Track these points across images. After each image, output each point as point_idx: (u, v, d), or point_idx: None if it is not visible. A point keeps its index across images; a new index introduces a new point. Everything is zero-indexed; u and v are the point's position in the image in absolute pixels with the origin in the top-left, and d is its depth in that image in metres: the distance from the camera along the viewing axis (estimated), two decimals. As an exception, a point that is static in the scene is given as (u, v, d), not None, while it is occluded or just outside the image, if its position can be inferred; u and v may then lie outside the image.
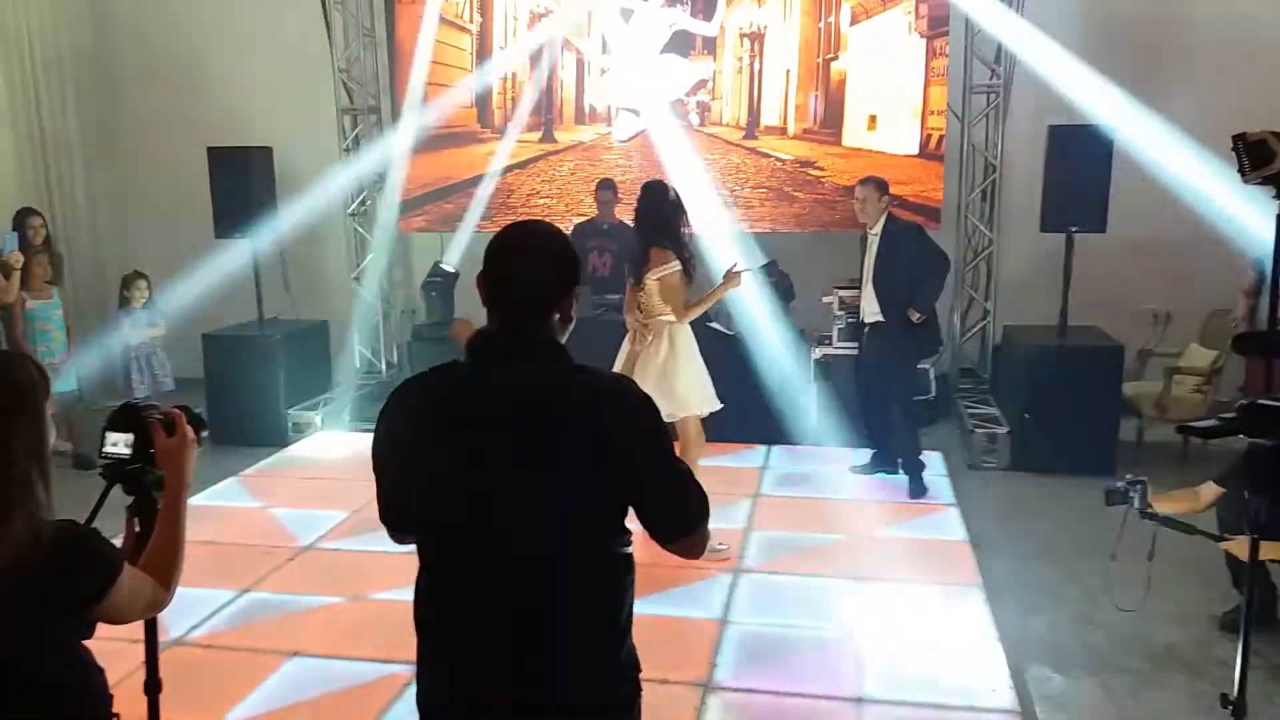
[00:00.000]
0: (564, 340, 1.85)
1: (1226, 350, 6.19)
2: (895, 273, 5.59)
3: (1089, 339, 6.33)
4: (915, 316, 5.60)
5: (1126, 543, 3.44)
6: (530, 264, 1.81)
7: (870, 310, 5.74)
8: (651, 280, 4.78)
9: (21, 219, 6.58)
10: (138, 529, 2.06)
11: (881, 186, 5.65)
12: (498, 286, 1.81)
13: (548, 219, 7.59)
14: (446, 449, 1.76)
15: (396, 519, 1.88)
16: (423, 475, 1.79)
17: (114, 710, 1.91)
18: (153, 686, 2.25)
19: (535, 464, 1.72)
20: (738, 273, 5.00)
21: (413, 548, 1.87)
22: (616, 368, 4.89)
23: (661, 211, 4.81)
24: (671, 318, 4.83)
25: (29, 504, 1.72)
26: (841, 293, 6.51)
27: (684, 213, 4.90)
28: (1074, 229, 6.21)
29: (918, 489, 5.78)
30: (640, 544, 1.81)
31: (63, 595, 1.72)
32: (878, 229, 5.63)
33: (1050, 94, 6.88)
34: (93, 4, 8.20)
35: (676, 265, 4.74)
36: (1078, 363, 6.17)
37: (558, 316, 1.83)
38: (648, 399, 1.82)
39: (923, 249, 5.67)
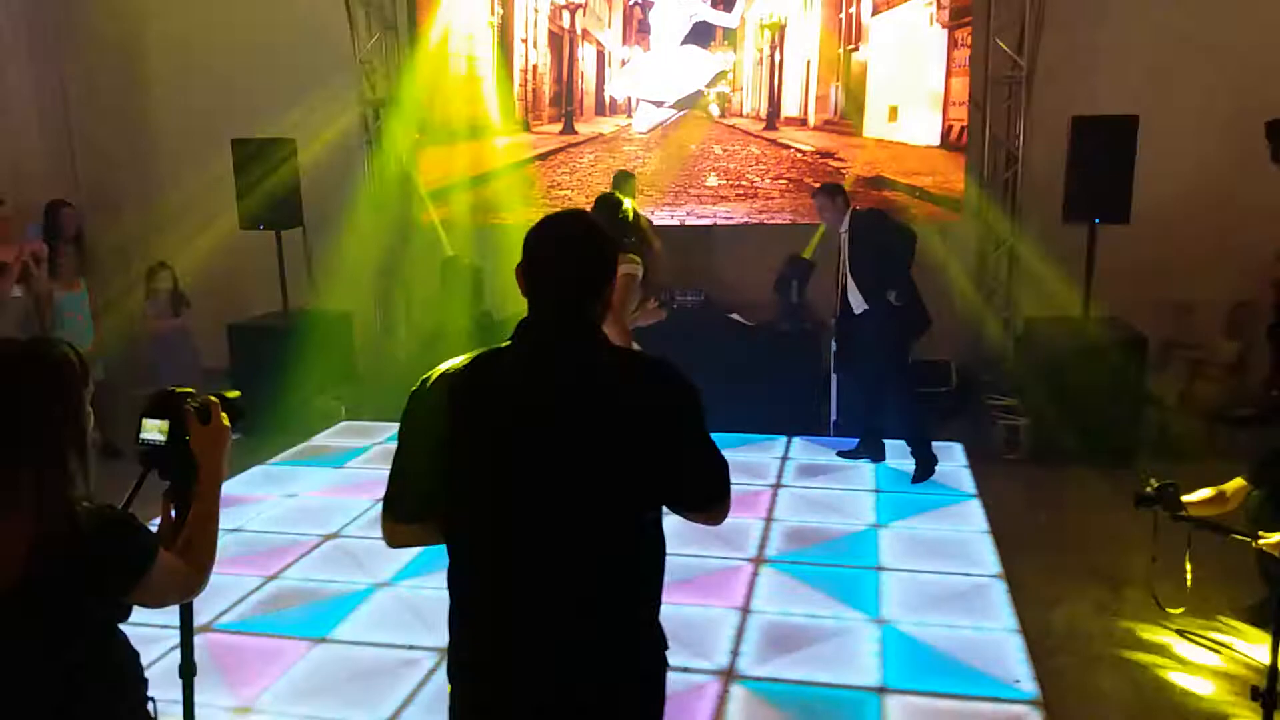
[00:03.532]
0: (603, 325, 1.90)
1: (1252, 342, 6.15)
2: (867, 261, 5.77)
3: (1112, 330, 6.29)
4: (893, 296, 5.70)
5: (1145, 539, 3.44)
6: (570, 255, 1.85)
7: (857, 302, 5.88)
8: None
9: (55, 210, 6.64)
10: (173, 515, 2.10)
11: (833, 192, 5.91)
12: (539, 279, 1.85)
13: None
14: (493, 435, 1.79)
15: (420, 508, 1.86)
16: (467, 459, 1.80)
17: (149, 694, 1.94)
18: (188, 670, 2.28)
19: (583, 446, 1.77)
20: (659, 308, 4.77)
21: (407, 551, 1.91)
22: None
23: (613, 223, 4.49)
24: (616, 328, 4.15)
25: (69, 489, 1.76)
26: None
27: (636, 227, 4.65)
28: (1097, 220, 6.17)
29: (923, 473, 5.81)
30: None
31: (101, 578, 1.75)
32: (845, 227, 5.84)
33: (1072, 84, 6.85)
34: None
35: (636, 267, 4.40)
36: (1101, 354, 6.14)
37: (598, 304, 1.87)
38: (687, 377, 1.86)
39: (885, 232, 5.79)
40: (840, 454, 6.28)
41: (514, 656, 1.82)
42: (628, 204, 4.68)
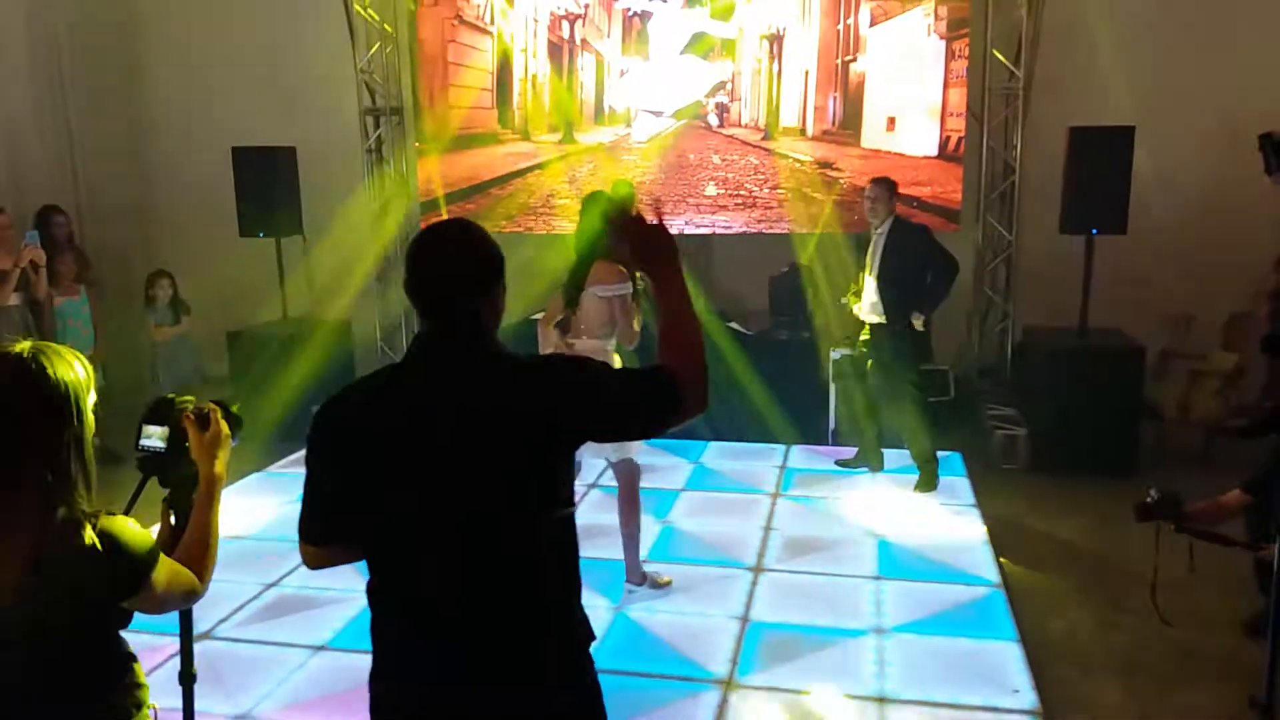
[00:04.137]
0: (497, 331, 1.91)
1: (1248, 352, 6.16)
2: (904, 274, 5.59)
3: (1110, 341, 6.31)
4: (919, 322, 5.61)
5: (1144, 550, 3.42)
6: (452, 265, 1.86)
7: (870, 310, 5.73)
8: (592, 297, 4.28)
9: (45, 217, 6.65)
10: (173, 521, 2.10)
11: (892, 187, 5.72)
12: (423, 292, 1.86)
13: (567, 219, 7.68)
14: (399, 454, 1.80)
15: (328, 530, 1.90)
16: (376, 480, 1.82)
17: (150, 701, 1.94)
18: (187, 677, 2.28)
19: (491, 454, 1.78)
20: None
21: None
22: None
23: (607, 224, 4.43)
24: (610, 344, 4.32)
25: (71, 496, 1.76)
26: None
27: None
28: (1094, 230, 6.19)
29: (926, 485, 5.81)
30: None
31: (102, 584, 1.75)
32: (884, 228, 5.66)
33: (1070, 95, 6.88)
34: (121, 5, 8.29)
35: (628, 286, 4.31)
36: (1098, 364, 6.15)
37: (487, 310, 1.88)
38: (572, 358, 1.90)
39: (931, 252, 5.65)
40: (838, 463, 6.28)
41: (441, 663, 1.82)
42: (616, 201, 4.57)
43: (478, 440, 1.78)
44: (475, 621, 1.80)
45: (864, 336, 5.90)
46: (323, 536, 1.91)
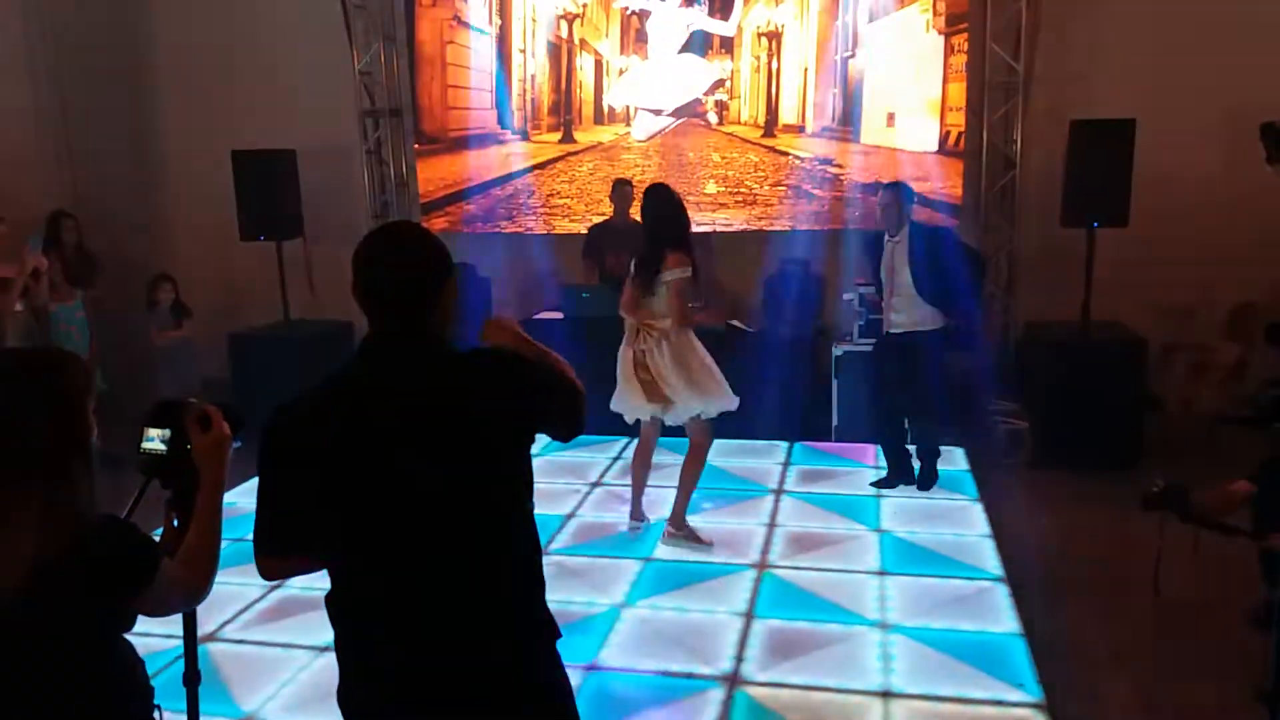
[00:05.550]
0: (452, 328, 1.94)
1: (1252, 343, 6.15)
2: (939, 280, 5.40)
3: (1112, 333, 6.30)
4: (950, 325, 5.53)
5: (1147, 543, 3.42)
6: (400, 267, 1.87)
7: (903, 320, 5.53)
8: (667, 282, 4.72)
9: (56, 221, 6.69)
10: (175, 523, 2.10)
11: (905, 193, 5.51)
12: (374, 295, 1.87)
13: (567, 219, 7.68)
14: (363, 459, 1.79)
15: (290, 541, 1.90)
16: (341, 487, 1.81)
17: (155, 703, 1.95)
18: (192, 678, 2.28)
19: (458, 453, 1.80)
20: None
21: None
22: (619, 369, 4.91)
23: (672, 214, 4.79)
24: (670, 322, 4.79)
25: (72, 499, 1.77)
26: (862, 290, 6.51)
27: (687, 217, 4.89)
28: (1095, 224, 6.18)
29: (928, 480, 5.78)
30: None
31: (105, 587, 1.76)
32: (901, 236, 5.48)
33: (1070, 88, 6.87)
34: (119, 8, 8.29)
35: (689, 270, 4.71)
36: (1101, 358, 6.15)
37: (439, 310, 1.90)
38: (504, 353, 1.99)
39: (959, 254, 5.53)
40: (873, 484, 5.88)
41: (414, 664, 1.83)
42: (676, 196, 4.85)
43: (443, 440, 1.80)
44: (450, 621, 1.81)
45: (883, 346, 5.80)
46: (284, 547, 1.91)
